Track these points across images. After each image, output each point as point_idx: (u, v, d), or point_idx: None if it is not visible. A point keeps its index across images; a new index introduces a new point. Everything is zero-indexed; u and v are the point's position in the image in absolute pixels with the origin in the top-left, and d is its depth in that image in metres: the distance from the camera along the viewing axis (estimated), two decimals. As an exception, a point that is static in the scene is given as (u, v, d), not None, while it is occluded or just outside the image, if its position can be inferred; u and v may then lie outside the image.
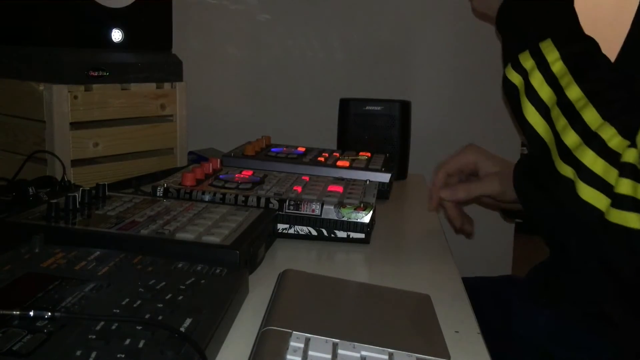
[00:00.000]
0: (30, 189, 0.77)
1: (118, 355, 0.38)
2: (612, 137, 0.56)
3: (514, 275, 1.20)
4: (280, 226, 0.77)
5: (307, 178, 0.89)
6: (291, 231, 0.77)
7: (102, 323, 0.42)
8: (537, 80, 0.64)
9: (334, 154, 1.10)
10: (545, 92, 0.63)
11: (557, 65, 0.63)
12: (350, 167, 1.01)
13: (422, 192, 1.15)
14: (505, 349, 0.57)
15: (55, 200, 0.67)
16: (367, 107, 1.23)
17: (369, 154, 1.10)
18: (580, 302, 0.73)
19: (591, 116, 0.58)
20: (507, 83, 0.69)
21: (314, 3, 1.52)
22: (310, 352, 0.42)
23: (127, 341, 0.39)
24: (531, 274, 0.88)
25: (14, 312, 0.41)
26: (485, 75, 1.55)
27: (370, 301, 0.58)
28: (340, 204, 0.77)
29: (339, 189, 0.84)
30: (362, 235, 0.77)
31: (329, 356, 0.42)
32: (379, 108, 1.23)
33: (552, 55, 0.64)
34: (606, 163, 0.55)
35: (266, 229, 0.71)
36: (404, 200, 1.09)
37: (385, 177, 0.99)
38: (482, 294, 0.76)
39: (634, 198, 0.52)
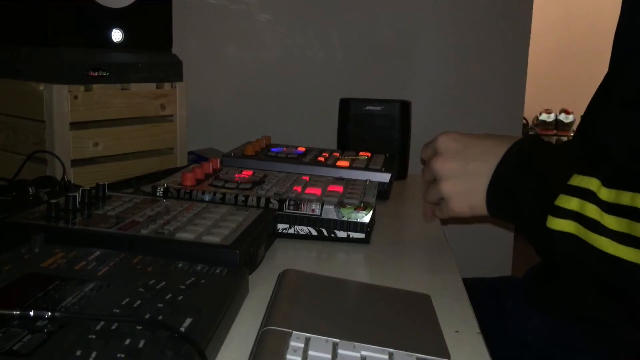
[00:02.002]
0: (30, 189, 0.77)
1: (118, 355, 0.38)
2: None
3: (513, 276, 1.20)
4: (280, 226, 0.77)
5: (307, 178, 0.89)
6: (291, 231, 0.77)
7: (102, 323, 0.42)
8: (596, 213, 0.55)
9: (334, 154, 1.10)
10: (610, 221, 0.54)
11: (604, 192, 0.55)
12: (350, 167, 1.01)
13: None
14: (501, 351, 0.57)
15: (55, 200, 0.67)
16: (367, 107, 1.23)
17: (369, 154, 1.10)
18: (574, 304, 0.73)
19: None
20: (555, 236, 0.58)
21: (314, 3, 1.52)
22: (310, 352, 0.42)
23: (127, 341, 0.39)
24: (527, 275, 0.88)
25: (14, 312, 0.41)
26: (486, 75, 1.55)
27: (370, 301, 0.58)
28: (340, 204, 0.77)
29: (339, 189, 0.84)
30: (362, 235, 0.77)
31: (329, 356, 0.42)
32: (379, 108, 1.23)
33: (593, 184, 0.56)
34: None
35: (266, 229, 0.71)
36: (404, 200, 1.09)
37: (385, 177, 0.99)
38: (480, 295, 0.76)
39: None
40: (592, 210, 0.55)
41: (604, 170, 0.57)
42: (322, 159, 1.04)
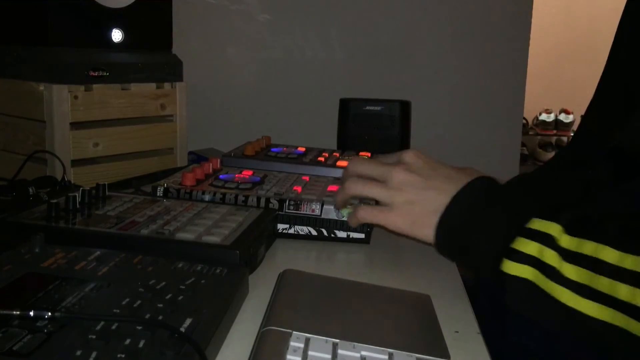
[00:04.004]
0: (30, 189, 0.77)
1: (118, 355, 0.38)
2: None
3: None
4: (280, 226, 0.77)
5: (307, 178, 0.89)
6: (291, 231, 0.77)
7: (102, 323, 0.42)
8: (555, 260, 0.52)
9: (334, 154, 1.10)
10: (570, 270, 0.52)
11: (565, 239, 0.53)
12: (350, 167, 1.00)
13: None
14: (500, 352, 0.57)
15: (55, 200, 0.67)
16: (367, 107, 1.23)
17: (369, 154, 1.10)
18: None
19: None
20: (510, 281, 0.54)
21: (314, 3, 1.52)
22: (310, 352, 0.42)
23: (127, 341, 0.39)
24: None
25: (14, 312, 0.41)
26: (486, 75, 1.55)
27: (370, 301, 0.58)
28: (340, 204, 0.77)
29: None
30: (362, 235, 0.77)
31: (329, 356, 0.42)
32: (379, 108, 1.23)
33: (554, 229, 0.53)
34: None
35: (266, 229, 0.71)
36: (404, 200, 1.08)
37: (385, 177, 0.99)
38: (479, 294, 0.76)
39: None
40: (551, 257, 0.53)
41: (566, 217, 0.54)
42: (322, 159, 1.04)
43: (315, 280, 0.60)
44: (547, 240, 0.53)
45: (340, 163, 1.02)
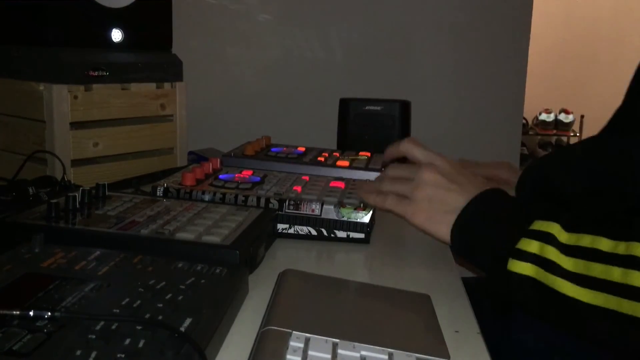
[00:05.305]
0: (30, 189, 0.77)
1: (118, 355, 0.38)
2: None
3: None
4: (280, 226, 0.77)
5: (307, 178, 0.89)
6: (291, 231, 0.77)
7: (102, 323, 0.42)
8: (555, 255, 0.55)
9: (334, 153, 1.10)
10: (568, 263, 0.54)
11: (564, 236, 0.56)
12: (350, 167, 1.00)
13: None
14: (500, 352, 0.57)
15: (55, 200, 0.67)
16: (367, 107, 1.23)
17: (369, 154, 1.10)
18: None
19: None
20: (514, 280, 0.57)
21: (314, 3, 1.52)
22: (310, 352, 0.42)
23: (127, 341, 0.39)
24: None
25: (14, 312, 0.41)
26: (485, 75, 1.55)
27: (370, 301, 0.58)
28: (340, 204, 0.77)
29: (340, 185, 0.84)
30: (362, 235, 0.77)
31: (329, 356, 0.42)
32: (379, 108, 1.23)
33: (553, 228, 0.57)
34: None
35: (266, 229, 0.71)
36: (404, 200, 1.08)
37: (385, 177, 0.99)
38: (478, 294, 0.76)
39: None
40: (551, 252, 0.56)
41: (564, 216, 0.58)
42: (322, 159, 1.04)
43: (315, 280, 0.60)
44: (547, 238, 0.56)
45: (340, 163, 1.02)
